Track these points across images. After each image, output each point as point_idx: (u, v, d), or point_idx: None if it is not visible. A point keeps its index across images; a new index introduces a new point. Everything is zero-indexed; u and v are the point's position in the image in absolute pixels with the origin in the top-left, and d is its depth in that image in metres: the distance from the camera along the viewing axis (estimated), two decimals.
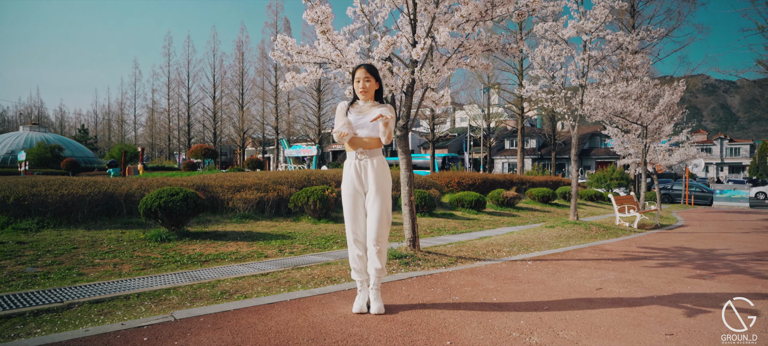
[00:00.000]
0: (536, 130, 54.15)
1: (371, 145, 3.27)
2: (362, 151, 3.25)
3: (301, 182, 10.97)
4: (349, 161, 3.32)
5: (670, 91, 13.20)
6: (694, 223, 12.67)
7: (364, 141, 3.26)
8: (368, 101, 3.35)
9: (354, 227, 3.28)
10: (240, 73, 48.99)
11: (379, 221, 3.22)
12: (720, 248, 7.48)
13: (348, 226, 3.30)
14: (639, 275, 4.97)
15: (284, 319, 3.11)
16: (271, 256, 5.71)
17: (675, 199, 25.80)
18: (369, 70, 3.32)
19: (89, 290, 3.84)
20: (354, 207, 3.28)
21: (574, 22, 9.16)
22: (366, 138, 3.26)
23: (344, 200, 3.31)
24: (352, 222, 3.28)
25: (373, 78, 3.32)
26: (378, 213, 3.22)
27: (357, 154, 3.26)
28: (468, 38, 5.02)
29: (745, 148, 73.22)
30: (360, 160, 3.26)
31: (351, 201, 3.28)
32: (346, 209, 3.31)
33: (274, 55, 4.84)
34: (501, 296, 3.86)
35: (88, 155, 43.42)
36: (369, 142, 3.27)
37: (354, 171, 3.27)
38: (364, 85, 3.30)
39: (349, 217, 3.29)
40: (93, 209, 7.65)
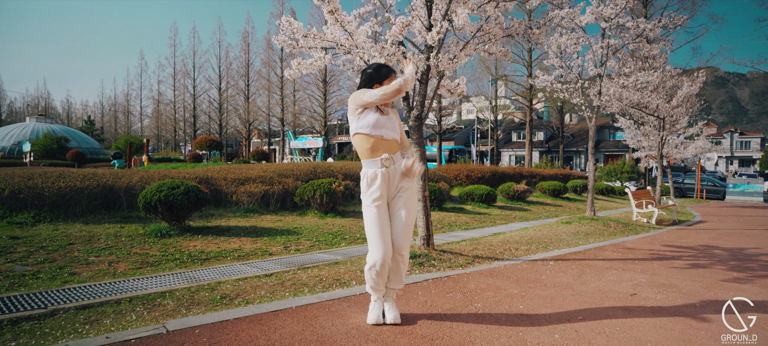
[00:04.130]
0: (544, 123, 53.47)
1: (396, 149, 2.95)
2: (388, 157, 2.87)
3: (307, 174, 10.64)
4: (373, 170, 2.88)
5: (688, 82, 12.71)
6: (711, 218, 12.23)
7: (391, 145, 2.90)
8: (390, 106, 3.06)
9: (380, 246, 2.79)
10: (246, 64, 48.63)
11: (406, 225, 2.90)
12: (749, 246, 7.08)
13: (375, 242, 2.81)
14: (672, 278, 4.60)
15: (289, 331, 2.78)
16: (276, 253, 5.39)
17: (687, 193, 25.27)
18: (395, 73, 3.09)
19: (78, 293, 3.53)
20: (381, 223, 2.83)
21: (592, 9, 8.72)
22: (392, 140, 2.91)
23: (369, 214, 2.86)
24: (380, 239, 2.80)
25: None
26: (406, 218, 2.90)
27: (383, 162, 2.86)
28: (488, 21, 4.63)
29: (756, 141, 72.03)
30: (388, 167, 2.88)
31: (377, 215, 2.84)
32: (371, 225, 2.84)
33: (278, 39, 4.48)
34: (528, 304, 3.51)
35: (95, 146, 43.37)
36: (394, 146, 2.94)
37: (382, 180, 2.87)
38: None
39: (375, 234, 2.81)
40: (92, 203, 7.36)
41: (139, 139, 37.42)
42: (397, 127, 2.97)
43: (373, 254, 2.81)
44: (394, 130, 2.93)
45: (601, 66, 9.25)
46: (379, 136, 2.85)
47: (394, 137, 2.92)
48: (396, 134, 2.94)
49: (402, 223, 2.88)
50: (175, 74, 55.43)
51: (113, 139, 60.34)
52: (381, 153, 2.86)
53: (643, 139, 16.21)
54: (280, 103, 45.37)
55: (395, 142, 2.93)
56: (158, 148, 60.29)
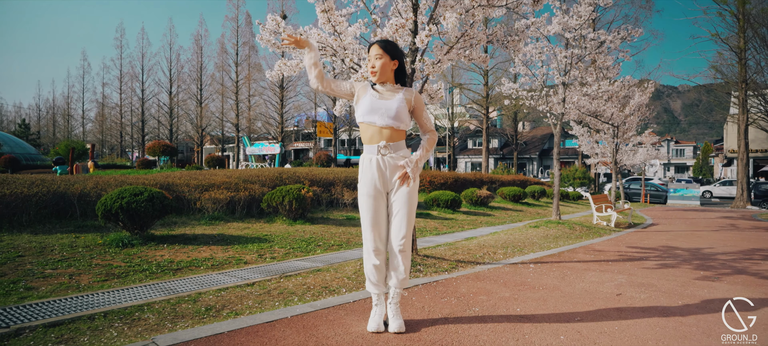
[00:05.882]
0: (498, 130, 55.01)
1: (395, 138, 2.75)
2: (386, 145, 2.72)
3: (273, 180, 10.33)
4: (369, 156, 2.77)
5: (639, 92, 13.43)
6: (662, 221, 12.92)
7: (384, 132, 2.72)
8: (386, 83, 2.79)
9: (375, 234, 2.75)
10: (198, 67, 46.97)
11: (408, 219, 2.74)
12: (704, 246, 7.49)
13: (367, 233, 2.76)
14: (648, 278, 4.76)
15: (292, 342, 2.61)
16: (251, 262, 5.14)
17: (632, 197, 26.67)
18: (383, 47, 2.75)
19: (42, 309, 3.19)
20: (376, 210, 2.75)
21: (558, 19, 9.02)
22: (385, 128, 2.71)
23: (363, 202, 2.77)
24: (373, 228, 2.75)
25: (387, 55, 2.75)
26: (407, 212, 2.74)
27: (380, 149, 2.72)
28: (473, 26, 4.65)
29: (689, 149, 77.64)
30: (384, 155, 2.73)
31: (372, 203, 2.74)
32: (365, 212, 2.77)
33: (261, 39, 4.28)
34: (523, 307, 3.50)
35: (30, 152, 40.36)
36: (391, 134, 2.73)
37: (377, 169, 2.74)
38: (374, 64, 2.75)
39: (368, 222, 2.75)
40: (41, 212, 6.78)
41: (81, 144, 35.19)
42: (393, 110, 2.70)
43: (369, 245, 2.77)
44: (389, 115, 2.69)
45: (565, 75, 9.58)
46: (369, 122, 2.73)
47: (388, 124, 2.70)
48: (391, 120, 2.70)
49: (402, 216, 2.74)
50: (122, 77, 52.72)
51: (52, 145, 56.46)
52: (377, 141, 2.73)
53: (596, 146, 16.97)
54: (234, 109, 44.13)
55: (392, 131, 2.72)
56: (102, 154, 57.02)
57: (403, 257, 2.77)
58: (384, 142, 2.72)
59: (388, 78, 2.80)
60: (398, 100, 2.74)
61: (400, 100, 2.74)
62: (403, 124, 2.74)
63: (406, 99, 2.76)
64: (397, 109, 2.71)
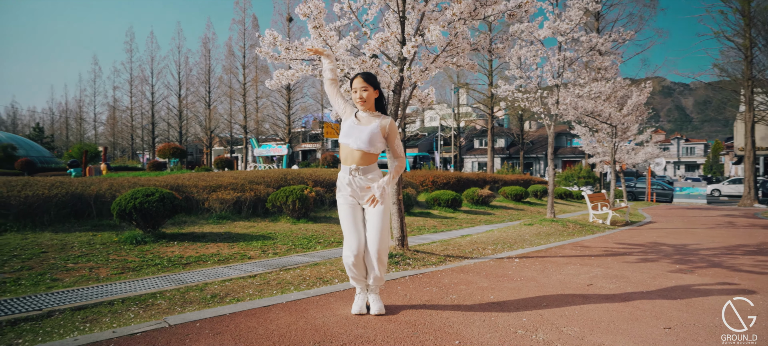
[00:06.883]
0: (505, 130, 55.16)
1: (365, 161, 3.08)
2: (356, 167, 3.07)
3: (278, 181, 10.75)
4: (343, 174, 3.14)
5: (637, 92, 13.66)
6: (660, 219, 13.15)
7: (356, 155, 3.06)
8: (367, 112, 3.15)
9: (352, 240, 3.05)
10: (206, 70, 47.75)
11: (381, 233, 3.04)
12: (691, 243, 7.77)
13: (347, 236, 3.07)
14: (623, 270, 5.09)
15: (285, 322, 3.00)
16: (255, 257, 5.55)
17: (638, 196, 26.76)
18: (366, 79, 3.12)
19: (68, 296, 3.61)
20: (353, 218, 3.08)
21: (549, 23, 9.33)
22: (357, 150, 3.05)
23: (341, 209, 3.13)
24: (351, 233, 3.06)
25: (371, 87, 3.12)
26: (380, 228, 3.04)
27: (351, 170, 3.08)
28: (457, 36, 5.01)
29: (700, 147, 76.98)
30: (354, 177, 3.09)
31: (350, 210, 3.09)
32: (343, 218, 3.12)
33: (261, 51, 4.69)
34: (497, 295, 3.87)
35: (45, 155, 41.36)
36: (362, 157, 3.07)
37: (348, 186, 3.11)
38: (362, 96, 3.10)
39: (347, 227, 3.08)
40: (60, 211, 7.25)
41: (93, 147, 36.02)
42: (365, 137, 3.01)
43: (346, 246, 3.09)
44: (361, 140, 3.00)
45: (558, 77, 9.88)
46: (345, 144, 3.11)
47: (359, 147, 3.01)
48: (363, 145, 3.00)
49: (376, 229, 3.03)
50: (132, 80, 53.77)
51: (65, 148, 57.65)
52: (349, 163, 3.08)
53: (597, 145, 17.20)
54: (242, 110, 44.78)
55: (362, 154, 3.03)
56: (114, 157, 58.07)
57: (379, 263, 3.08)
58: (355, 164, 3.08)
59: (370, 106, 3.18)
60: (373, 127, 3.07)
61: (375, 127, 3.08)
62: (374, 148, 3.07)
63: (381, 126, 3.10)
64: (369, 136, 3.03)
